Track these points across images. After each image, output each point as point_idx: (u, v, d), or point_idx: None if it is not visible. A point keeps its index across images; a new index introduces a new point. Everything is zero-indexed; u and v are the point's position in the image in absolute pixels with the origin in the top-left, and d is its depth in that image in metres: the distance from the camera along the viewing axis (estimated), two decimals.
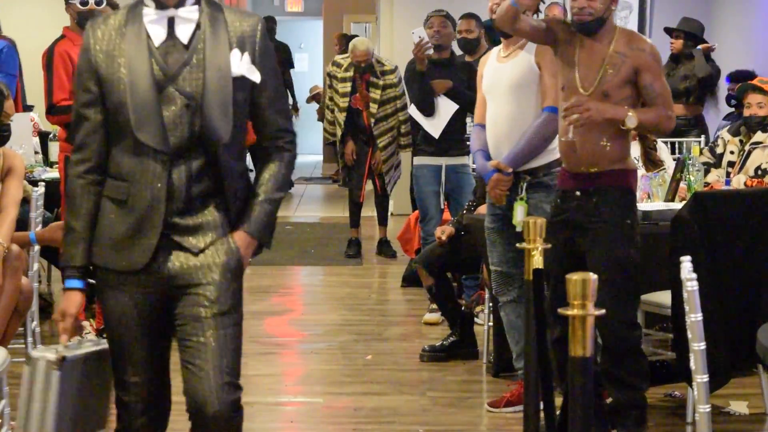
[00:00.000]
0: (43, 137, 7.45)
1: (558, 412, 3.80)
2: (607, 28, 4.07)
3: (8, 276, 4.49)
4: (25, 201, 5.04)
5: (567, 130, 4.02)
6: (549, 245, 3.45)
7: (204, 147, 2.48)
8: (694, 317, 2.72)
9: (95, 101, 2.49)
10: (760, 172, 6.00)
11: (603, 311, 2.11)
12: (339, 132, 8.97)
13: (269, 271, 8.47)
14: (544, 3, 5.03)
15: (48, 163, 7.13)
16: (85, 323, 2.99)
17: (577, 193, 4.13)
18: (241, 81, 2.50)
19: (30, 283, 4.93)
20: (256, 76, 2.53)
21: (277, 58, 2.95)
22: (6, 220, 4.63)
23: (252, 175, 2.72)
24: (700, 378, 2.82)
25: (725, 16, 11.06)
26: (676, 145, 7.51)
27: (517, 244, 3.55)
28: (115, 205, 2.49)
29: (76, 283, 2.54)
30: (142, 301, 2.52)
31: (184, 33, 2.48)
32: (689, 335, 2.78)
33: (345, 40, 12.14)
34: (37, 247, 5.09)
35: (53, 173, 6.55)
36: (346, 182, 9.52)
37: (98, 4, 5.72)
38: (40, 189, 5.23)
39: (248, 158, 3.14)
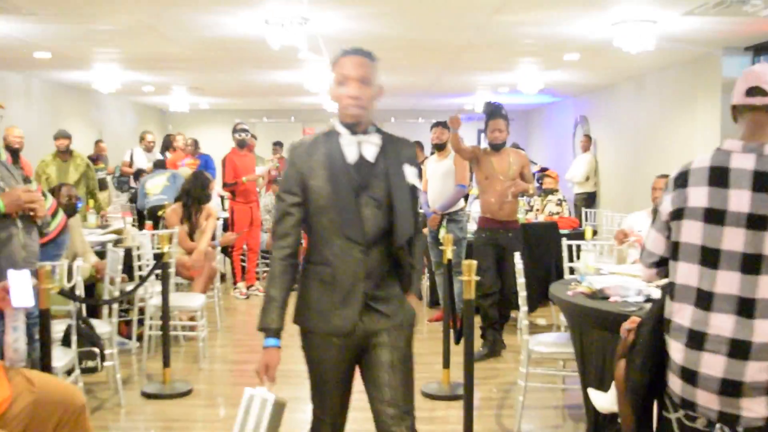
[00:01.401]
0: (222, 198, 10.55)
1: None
2: (504, 148, 6.40)
3: (208, 261, 7.26)
4: None
5: (506, 195, 6.21)
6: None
7: (387, 237, 2.85)
8: (521, 281, 4.77)
9: (299, 203, 2.86)
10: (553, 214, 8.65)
11: None
12: None
13: None
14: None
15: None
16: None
17: (501, 230, 6.34)
18: (412, 188, 2.91)
19: (216, 266, 7.60)
20: (417, 183, 2.96)
21: None
22: (205, 236, 7.41)
23: None
24: (522, 307, 4.76)
25: None
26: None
27: (439, 247, 6.28)
28: (320, 285, 2.89)
29: (274, 342, 2.95)
30: (342, 355, 2.94)
31: (369, 153, 2.85)
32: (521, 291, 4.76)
33: None
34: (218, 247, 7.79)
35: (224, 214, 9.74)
36: None
37: (241, 144, 9.36)
38: (220, 221, 8.30)
39: None
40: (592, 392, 4.17)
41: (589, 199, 12.55)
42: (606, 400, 4.04)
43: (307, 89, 12.71)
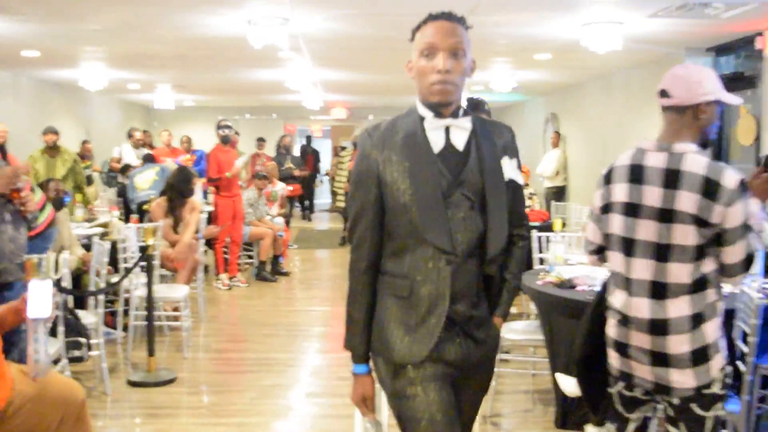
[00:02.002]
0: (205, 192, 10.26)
1: None
2: None
3: (191, 253, 7.20)
4: None
5: None
6: None
7: (483, 247, 2.31)
8: None
9: (375, 201, 2.31)
10: None
11: None
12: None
13: None
14: None
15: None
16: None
17: None
18: (510, 184, 2.37)
19: (199, 258, 7.51)
20: (521, 179, 2.42)
21: None
22: (189, 229, 7.33)
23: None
24: None
25: None
26: None
27: None
28: (397, 301, 2.33)
29: (363, 369, 2.43)
30: (429, 388, 2.30)
31: (459, 140, 2.31)
32: None
33: None
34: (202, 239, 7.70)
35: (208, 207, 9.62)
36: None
37: (225, 140, 9.28)
38: (204, 214, 8.18)
39: None
40: (560, 377, 4.20)
41: (559, 193, 12.62)
42: (573, 385, 4.07)
43: (288, 87, 12.69)
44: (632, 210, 2.68)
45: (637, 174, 2.69)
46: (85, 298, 5.65)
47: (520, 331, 4.92)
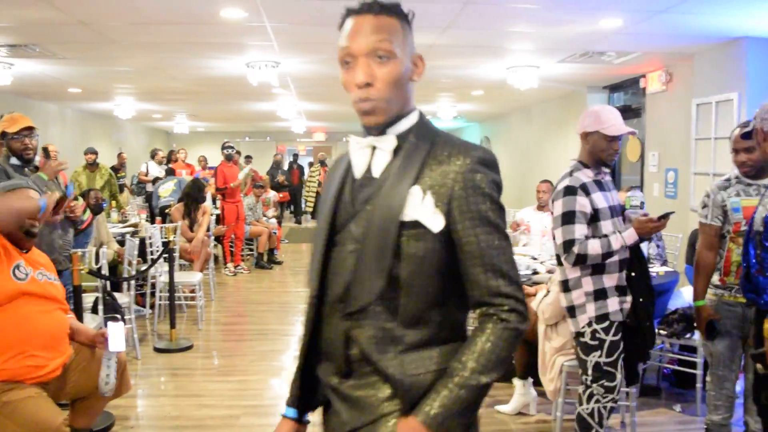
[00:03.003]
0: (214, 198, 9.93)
1: None
2: None
3: (204, 247, 7.10)
4: None
5: None
6: None
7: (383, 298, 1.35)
8: None
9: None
10: None
11: None
12: None
13: None
14: None
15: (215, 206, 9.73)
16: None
17: None
18: (415, 226, 1.34)
19: (210, 251, 7.39)
20: (435, 223, 1.34)
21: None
22: (202, 228, 7.24)
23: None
24: None
25: None
26: None
27: None
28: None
29: (288, 412, 1.58)
30: None
31: (378, 165, 1.41)
32: None
33: None
34: (212, 236, 7.46)
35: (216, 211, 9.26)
36: None
37: (228, 158, 8.88)
38: (213, 216, 8.02)
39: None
40: None
41: None
42: None
43: (279, 115, 12.64)
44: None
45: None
46: (120, 282, 5.58)
47: None
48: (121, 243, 6.02)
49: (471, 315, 1.47)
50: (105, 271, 4.88)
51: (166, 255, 5.75)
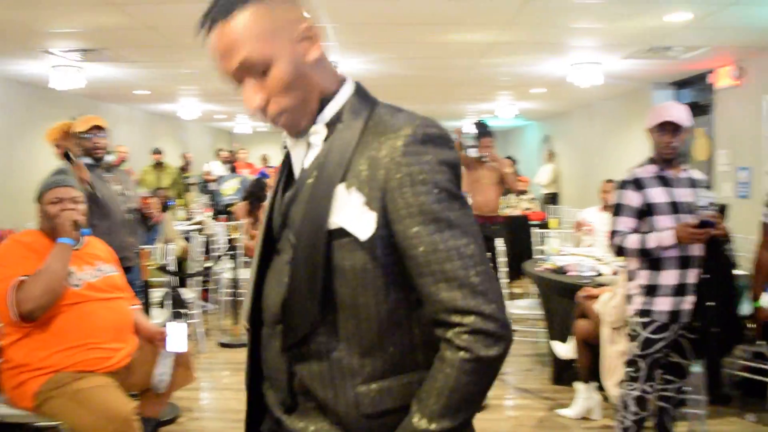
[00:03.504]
0: None
1: None
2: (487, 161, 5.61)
3: None
4: None
5: (491, 194, 5.65)
6: None
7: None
8: (502, 260, 5.35)
9: None
10: (526, 209, 8.85)
11: None
12: None
13: None
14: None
15: None
16: None
17: (487, 224, 5.57)
18: (343, 235, 1.06)
19: None
20: (362, 229, 1.05)
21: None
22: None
23: None
24: (504, 279, 5.48)
25: None
26: None
27: None
28: None
29: None
30: None
31: (309, 160, 1.15)
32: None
33: None
34: None
35: None
36: None
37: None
38: None
39: None
40: (555, 344, 4.18)
41: (553, 198, 12.49)
42: (565, 350, 4.05)
43: None
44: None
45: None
46: (186, 279, 5.72)
47: (523, 307, 4.90)
48: (187, 240, 6.17)
49: None
50: (172, 267, 5.02)
51: (230, 252, 5.87)
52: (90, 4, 4.57)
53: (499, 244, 4.94)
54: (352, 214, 1.06)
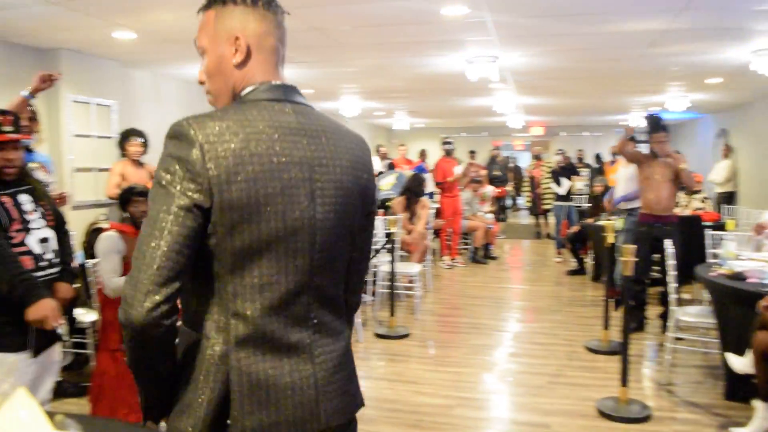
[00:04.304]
0: (432, 193, 10.07)
1: None
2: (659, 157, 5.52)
3: (422, 240, 7.32)
4: None
5: (662, 192, 5.47)
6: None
7: None
8: (671, 263, 4.76)
9: None
10: (697, 209, 8.27)
11: None
12: None
13: None
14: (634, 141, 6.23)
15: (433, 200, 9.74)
16: None
17: (658, 223, 5.48)
18: None
19: (428, 243, 7.55)
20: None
21: None
22: (421, 221, 7.43)
23: None
24: (673, 284, 4.56)
25: None
26: None
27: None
28: None
29: None
30: None
31: None
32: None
33: None
34: (431, 229, 7.66)
35: (435, 204, 9.40)
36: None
37: (448, 153, 9.21)
38: (432, 209, 7.92)
39: None
40: (730, 356, 3.84)
41: (729, 198, 11.48)
42: (742, 364, 3.73)
43: (495, 110, 12.56)
44: None
45: None
46: None
47: (693, 314, 4.54)
48: None
49: None
50: None
51: (387, 246, 6.00)
52: None
53: (669, 245, 4.62)
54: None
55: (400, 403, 4.15)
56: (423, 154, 12.34)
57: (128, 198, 3.75)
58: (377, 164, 11.71)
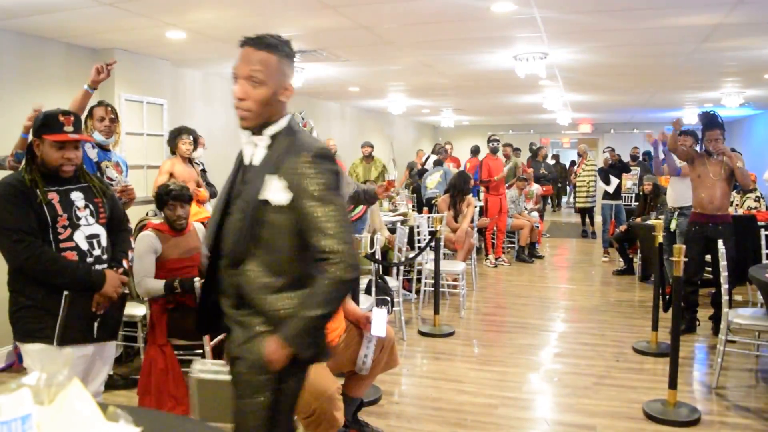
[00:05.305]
0: (478, 191, 10.16)
1: None
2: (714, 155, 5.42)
3: (467, 238, 7.33)
4: None
5: (716, 192, 5.35)
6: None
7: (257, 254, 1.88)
8: (723, 264, 4.38)
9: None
10: (751, 208, 7.89)
11: None
12: None
13: None
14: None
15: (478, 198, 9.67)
16: None
17: (710, 223, 5.37)
18: (267, 203, 1.85)
19: (473, 242, 7.57)
20: (278, 199, 1.84)
21: None
22: (466, 219, 7.48)
23: None
24: (725, 285, 4.35)
25: None
26: None
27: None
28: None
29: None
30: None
31: (257, 156, 1.92)
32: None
33: None
34: (476, 227, 7.69)
35: (480, 203, 9.31)
36: None
37: (494, 151, 9.10)
38: (477, 208, 7.95)
39: None
40: None
41: None
42: None
43: (544, 107, 12.39)
44: None
45: None
46: (390, 267, 5.94)
47: (747, 316, 4.40)
48: (392, 231, 6.40)
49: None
50: (378, 256, 5.23)
51: (432, 244, 6.00)
52: (311, 8, 4.91)
53: (721, 246, 4.49)
54: (274, 193, 1.85)
55: (443, 401, 4.15)
56: (476, 152, 12.27)
57: (164, 200, 3.80)
58: (430, 162, 11.65)
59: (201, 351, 3.48)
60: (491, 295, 7.47)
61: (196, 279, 3.62)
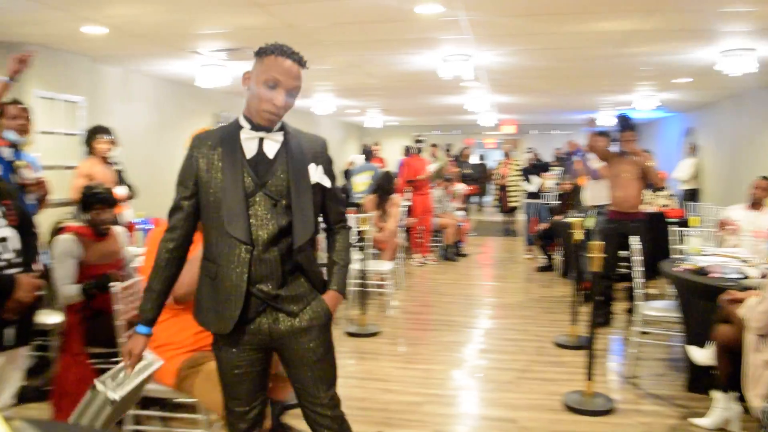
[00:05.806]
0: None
1: None
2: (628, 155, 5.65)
3: (393, 237, 7.28)
4: None
5: (631, 189, 5.56)
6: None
7: (289, 236, 2.13)
8: (637, 259, 4.59)
9: (189, 197, 2.18)
10: (663, 206, 8.10)
11: None
12: None
13: None
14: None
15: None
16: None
17: (625, 220, 5.58)
18: (316, 187, 2.19)
19: (399, 241, 7.52)
20: (327, 183, 2.24)
21: None
22: (392, 219, 7.41)
23: None
24: (639, 279, 4.42)
25: None
26: None
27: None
28: (209, 281, 2.18)
29: (143, 330, 2.23)
30: (244, 354, 2.22)
31: (270, 149, 2.14)
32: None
33: None
34: (402, 227, 7.58)
35: (406, 202, 9.27)
36: None
37: (418, 151, 9.20)
38: (403, 207, 7.93)
39: None
40: (691, 349, 3.93)
41: (693, 194, 11.71)
42: (704, 356, 3.80)
43: (466, 109, 12.62)
44: None
45: None
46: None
47: (658, 309, 4.61)
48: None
49: None
50: None
51: (359, 244, 6.00)
52: (237, 5, 4.83)
53: (635, 242, 4.69)
54: (321, 177, 2.23)
55: (368, 401, 4.14)
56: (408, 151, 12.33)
57: (90, 203, 3.66)
58: (360, 161, 11.64)
59: (118, 359, 3.36)
60: (418, 294, 7.53)
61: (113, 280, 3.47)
